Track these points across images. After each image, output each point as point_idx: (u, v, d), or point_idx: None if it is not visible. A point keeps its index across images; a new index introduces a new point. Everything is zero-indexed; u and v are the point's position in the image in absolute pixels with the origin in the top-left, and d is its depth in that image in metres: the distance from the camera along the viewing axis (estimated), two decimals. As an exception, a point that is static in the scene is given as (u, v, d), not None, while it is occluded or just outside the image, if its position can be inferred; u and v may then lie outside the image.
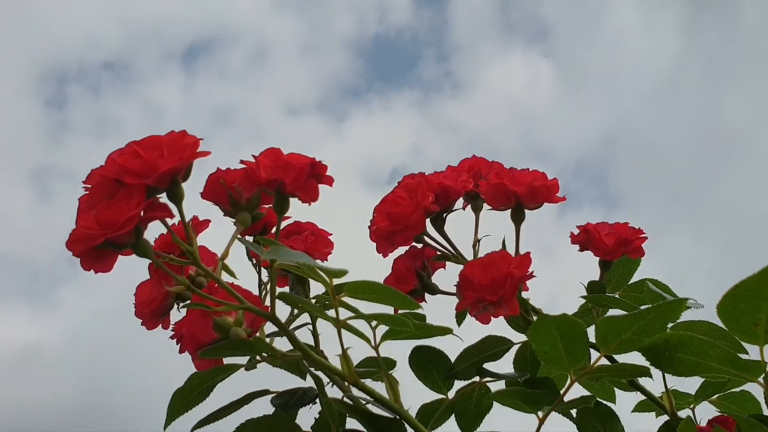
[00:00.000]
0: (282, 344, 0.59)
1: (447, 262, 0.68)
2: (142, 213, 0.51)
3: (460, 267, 0.65)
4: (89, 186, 0.53)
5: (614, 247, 0.65)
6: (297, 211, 0.60)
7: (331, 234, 0.67)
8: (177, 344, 0.60)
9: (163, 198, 0.53)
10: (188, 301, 0.60)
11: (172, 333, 0.61)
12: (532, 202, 0.64)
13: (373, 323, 0.56)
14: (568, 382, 0.53)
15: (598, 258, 0.67)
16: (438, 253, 0.66)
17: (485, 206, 0.68)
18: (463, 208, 0.69)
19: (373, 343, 0.57)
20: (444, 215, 0.66)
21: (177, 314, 0.62)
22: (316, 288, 0.64)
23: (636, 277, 0.71)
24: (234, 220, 0.58)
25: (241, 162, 0.55)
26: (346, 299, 0.52)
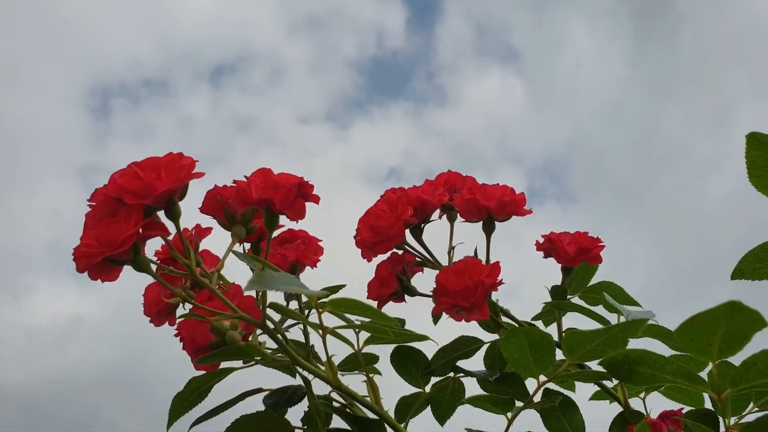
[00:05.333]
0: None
1: (425, 268, 0.63)
2: (140, 231, 0.46)
3: (437, 272, 0.60)
4: (93, 204, 0.48)
5: (575, 255, 0.60)
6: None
7: (321, 240, 0.62)
8: (180, 343, 0.55)
9: (162, 215, 0.48)
10: (189, 306, 0.55)
11: (176, 332, 0.56)
12: (501, 215, 0.59)
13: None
14: (536, 385, 0.48)
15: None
16: (417, 259, 0.62)
17: (459, 217, 0.63)
18: (440, 218, 0.64)
19: (356, 347, 0.53)
20: (422, 225, 0.61)
21: (183, 311, 0.57)
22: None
23: (594, 280, 0.66)
24: (230, 233, 0.54)
25: (234, 182, 0.50)
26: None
